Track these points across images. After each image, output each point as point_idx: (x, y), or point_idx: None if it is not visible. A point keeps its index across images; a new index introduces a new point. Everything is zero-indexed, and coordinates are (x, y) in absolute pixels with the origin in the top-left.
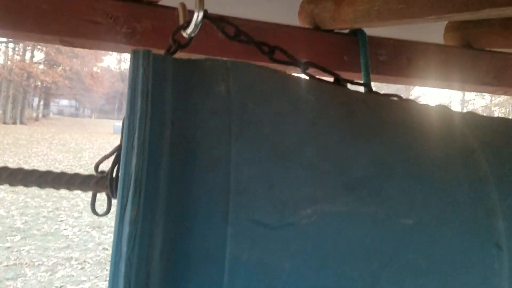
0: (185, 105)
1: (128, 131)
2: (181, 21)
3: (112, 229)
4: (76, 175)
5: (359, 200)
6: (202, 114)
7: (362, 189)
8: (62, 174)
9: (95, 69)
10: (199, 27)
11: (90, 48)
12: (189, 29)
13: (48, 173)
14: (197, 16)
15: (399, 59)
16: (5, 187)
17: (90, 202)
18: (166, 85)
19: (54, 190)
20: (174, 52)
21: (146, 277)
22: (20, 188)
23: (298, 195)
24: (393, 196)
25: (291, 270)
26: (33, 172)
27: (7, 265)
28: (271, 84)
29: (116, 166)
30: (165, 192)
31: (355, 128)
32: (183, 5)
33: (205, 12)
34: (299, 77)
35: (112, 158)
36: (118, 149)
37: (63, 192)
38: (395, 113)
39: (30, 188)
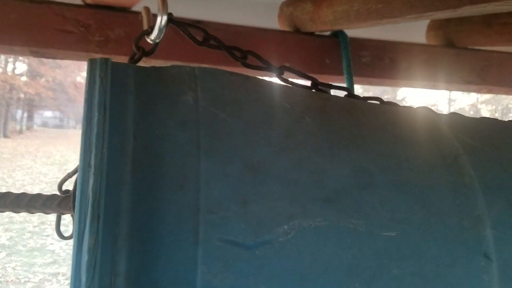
0: (149, 117)
1: (84, 148)
2: (145, 26)
3: None
4: (38, 196)
5: (339, 213)
6: (168, 126)
7: (341, 202)
8: (22, 196)
9: (78, 78)
10: (163, 32)
11: (62, 58)
12: (153, 35)
13: (6, 195)
14: (161, 20)
15: (382, 60)
16: None
17: (54, 225)
18: (127, 95)
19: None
20: (138, 60)
21: None
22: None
23: (273, 211)
24: (374, 208)
25: None
26: None
27: None
28: (243, 92)
29: None
30: (128, 214)
31: (333, 136)
32: (147, 9)
33: (170, 15)
34: (273, 83)
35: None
36: None
37: None
38: (376, 118)
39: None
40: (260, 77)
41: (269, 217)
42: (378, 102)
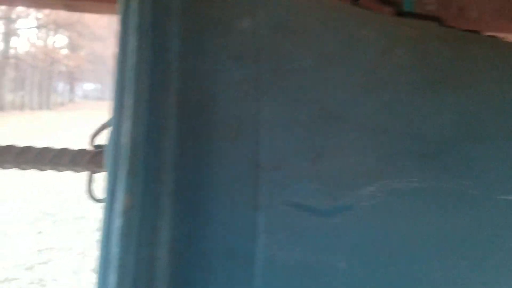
0: (197, 49)
1: (117, 86)
2: None
3: None
4: (65, 151)
5: (441, 173)
6: (221, 60)
7: (444, 158)
8: (46, 150)
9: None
10: None
11: (95, 12)
12: None
13: (28, 149)
14: None
15: (449, 8)
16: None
17: (86, 185)
18: (170, 21)
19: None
20: None
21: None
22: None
23: (355, 168)
24: (487, 166)
25: (349, 272)
26: (8, 149)
27: (39, 250)
28: (314, 18)
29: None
30: (172, 169)
31: (433, 73)
32: None
33: None
34: (352, 8)
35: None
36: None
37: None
38: (485, 51)
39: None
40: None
41: (349, 176)
42: (481, 34)
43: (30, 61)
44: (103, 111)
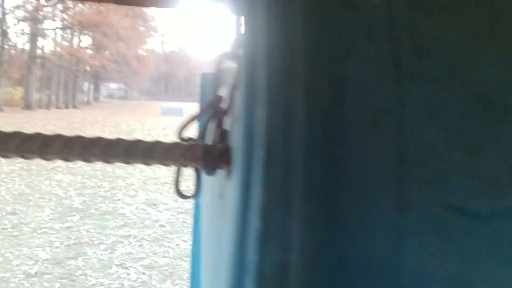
0: (323, 26)
1: (248, 71)
2: None
3: (168, 206)
4: (157, 144)
5: None
6: (351, 38)
7: None
8: (137, 143)
9: (140, 51)
10: None
11: (144, 5)
12: None
13: (118, 142)
14: None
15: None
16: (62, 168)
17: (173, 181)
18: None
19: (111, 170)
20: None
21: None
22: (77, 170)
23: None
24: None
25: None
26: (96, 141)
27: (68, 245)
28: None
29: (215, 130)
30: (301, 163)
31: None
32: None
33: None
34: None
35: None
36: (213, 105)
37: (119, 172)
38: None
39: (86, 169)
40: None
41: None
42: None
43: (56, 61)
44: (127, 110)
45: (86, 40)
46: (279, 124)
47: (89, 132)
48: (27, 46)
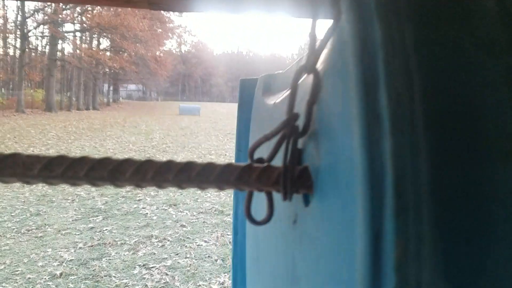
0: (437, 36)
1: (363, 91)
2: None
3: (188, 207)
4: (230, 167)
5: None
6: (467, 50)
7: None
8: (210, 167)
9: (158, 53)
10: None
11: (180, 11)
12: None
13: (189, 166)
14: None
15: None
16: None
17: (244, 205)
18: (400, 2)
19: None
20: None
21: None
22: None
23: None
24: None
25: None
26: (168, 165)
27: (92, 246)
28: None
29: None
30: (428, 193)
31: None
32: None
33: None
34: None
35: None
36: (289, 123)
37: None
38: None
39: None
40: None
41: None
42: None
43: (76, 63)
44: (146, 111)
45: (105, 43)
46: (407, 156)
47: (109, 132)
48: (47, 49)
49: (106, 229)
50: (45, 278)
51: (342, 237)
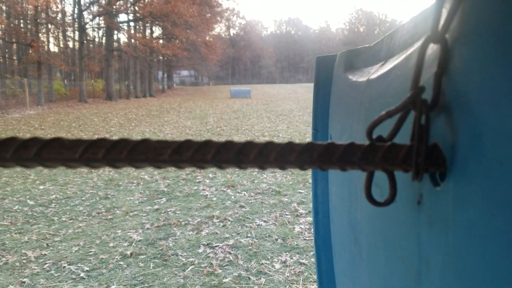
0: None
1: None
2: None
3: (245, 187)
4: (353, 147)
5: None
6: None
7: None
8: (328, 147)
9: (207, 38)
10: None
11: None
12: None
13: (309, 147)
14: None
15: None
16: None
17: (364, 185)
18: None
19: None
20: None
21: None
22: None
23: None
24: None
25: None
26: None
27: (158, 226)
28: None
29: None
30: None
31: None
32: None
33: None
34: None
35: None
36: (415, 97)
37: None
38: None
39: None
40: None
41: None
42: None
43: (131, 52)
44: (199, 96)
45: (157, 31)
46: None
47: (166, 118)
48: (104, 40)
49: (170, 210)
50: (117, 258)
51: (498, 222)
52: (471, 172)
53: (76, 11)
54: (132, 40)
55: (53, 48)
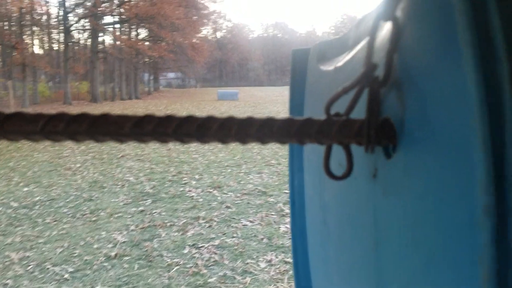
0: None
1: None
2: None
3: (232, 188)
4: (310, 121)
5: None
6: None
7: None
8: (289, 122)
9: (194, 40)
10: None
11: None
12: None
13: (270, 121)
14: None
15: None
16: (132, 156)
17: (323, 159)
18: None
19: (176, 155)
20: None
21: None
22: (145, 156)
23: None
24: None
25: None
26: (250, 122)
27: (143, 228)
28: None
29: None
30: None
31: None
32: None
33: None
34: None
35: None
36: (367, 74)
37: (183, 157)
38: None
39: (153, 155)
40: None
41: None
42: None
43: (117, 54)
44: (186, 98)
45: (143, 33)
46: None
47: None
48: (89, 42)
49: (155, 212)
50: (101, 259)
51: (446, 186)
52: (418, 143)
53: (61, 13)
54: (118, 42)
55: (38, 50)
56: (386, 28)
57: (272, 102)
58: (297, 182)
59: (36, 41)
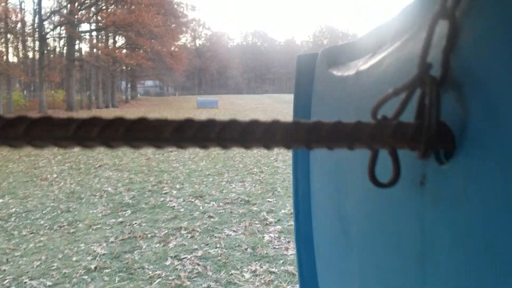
0: None
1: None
2: None
3: (214, 197)
4: (362, 126)
5: None
6: None
7: None
8: (341, 126)
9: (173, 48)
10: None
11: None
12: None
13: (318, 125)
14: None
15: None
16: (109, 165)
17: (368, 166)
18: None
19: (155, 165)
20: None
21: None
22: (123, 166)
23: None
24: None
25: None
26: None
27: (123, 239)
28: None
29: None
30: None
31: None
32: None
33: None
34: None
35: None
36: (422, 75)
37: (163, 166)
38: None
39: (132, 165)
40: None
41: None
42: None
43: (93, 62)
44: (164, 106)
45: (120, 40)
46: None
47: None
48: (65, 50)
49: (135, 223)
50: (81, 272)
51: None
52: (484, 148)
53: (36, 20)
54: (94, 50)
55: (13, 58)
56: (423, 28)
57: (252, 109)
58: (302, 190)
59: (10, 49)
